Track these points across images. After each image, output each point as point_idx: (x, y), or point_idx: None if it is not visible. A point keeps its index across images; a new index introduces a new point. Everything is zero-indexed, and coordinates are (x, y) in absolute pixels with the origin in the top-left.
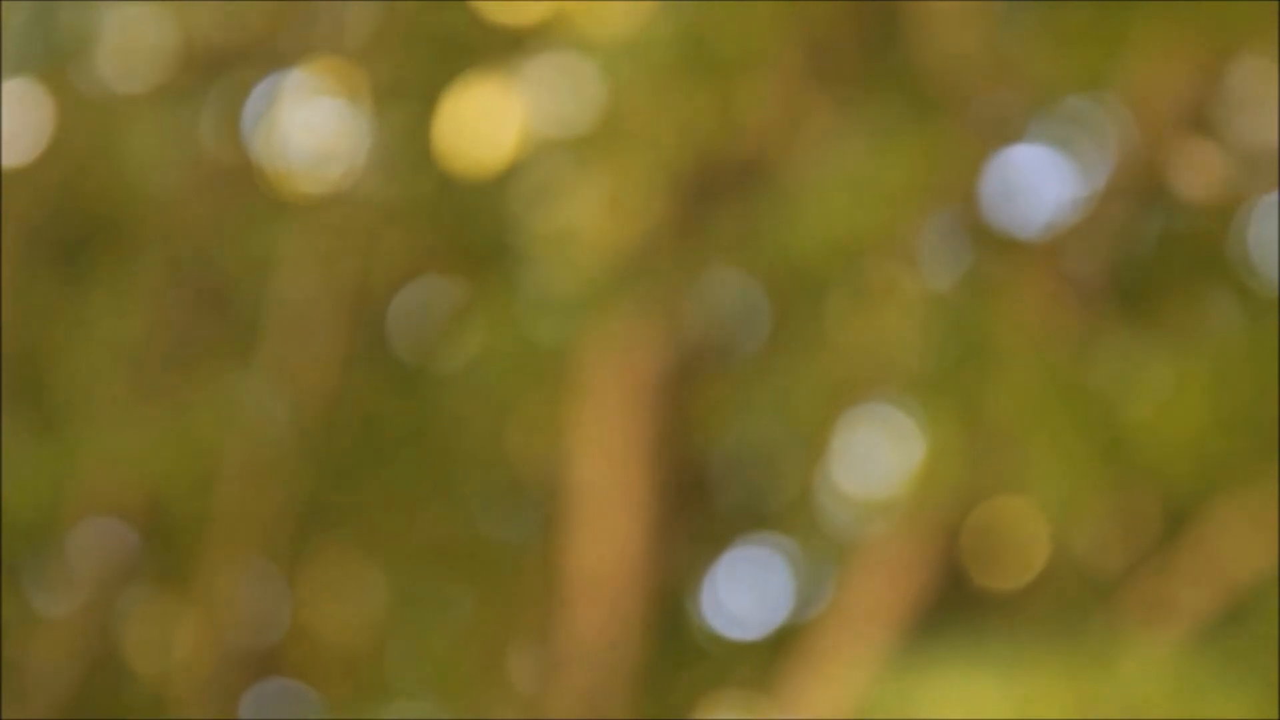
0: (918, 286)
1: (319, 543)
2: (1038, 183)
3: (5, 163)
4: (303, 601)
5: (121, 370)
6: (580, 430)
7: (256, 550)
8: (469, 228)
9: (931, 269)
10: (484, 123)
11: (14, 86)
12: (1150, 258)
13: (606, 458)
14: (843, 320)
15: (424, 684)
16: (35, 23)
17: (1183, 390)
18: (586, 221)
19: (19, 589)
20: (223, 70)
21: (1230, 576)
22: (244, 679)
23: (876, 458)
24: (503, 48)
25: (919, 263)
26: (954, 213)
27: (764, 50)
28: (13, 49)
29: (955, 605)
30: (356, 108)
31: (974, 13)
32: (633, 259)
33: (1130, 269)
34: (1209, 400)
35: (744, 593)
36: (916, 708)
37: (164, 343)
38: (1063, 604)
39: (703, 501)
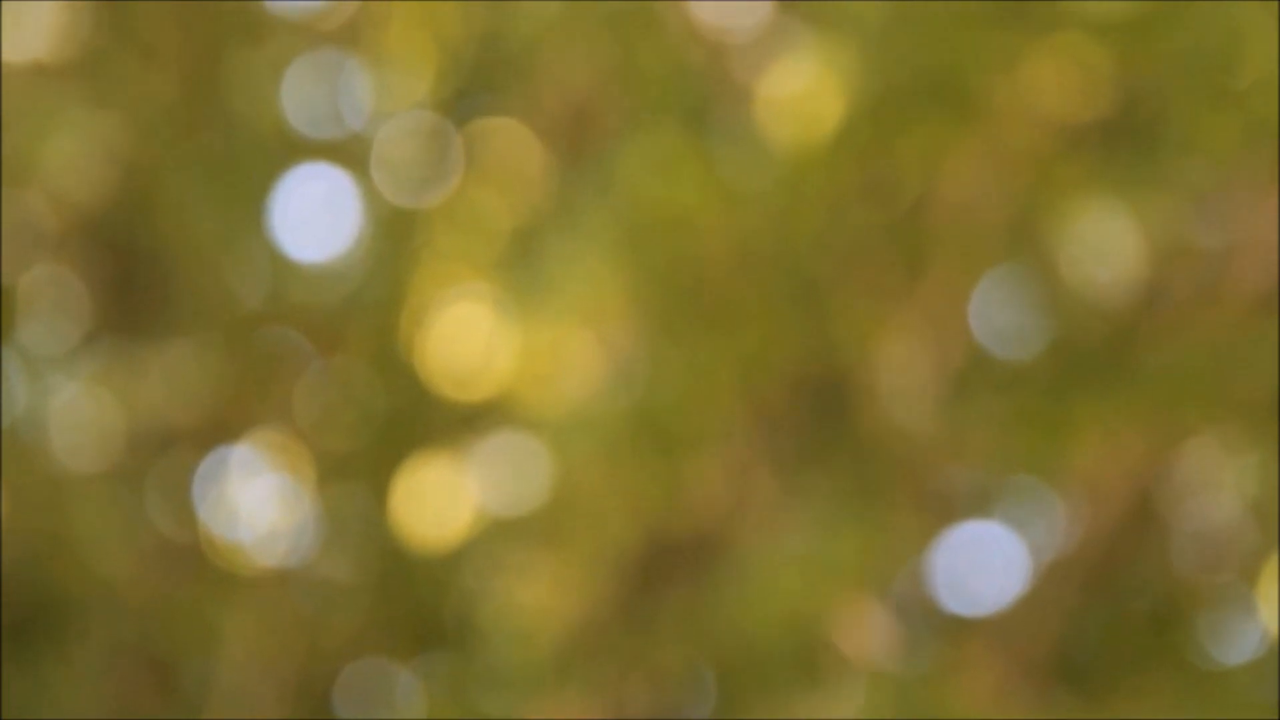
0: (867, 665)
1: None
2: (987, 561)
3: None
4: None
5: None
6: None
7: None
8: (416, 605)
9: (881, 647)
10: (433, 501)
11: None
12: (1101, 638)
13: None
14: (791, 698)
15: None
16: None
17: None
18: (535, 599)
19: None
20: (170, 446)
21: None
22: None
23: None
24: (452, 424)
25: (868, 641)
26: (903, 590)
27: (713, 428)
28: None
29: None
30: (303, 483)
31: (921, 392)
32: (581, 636)
33: (1081, 649)
34: None
35: None
36: None
37: None
38: None
39: None
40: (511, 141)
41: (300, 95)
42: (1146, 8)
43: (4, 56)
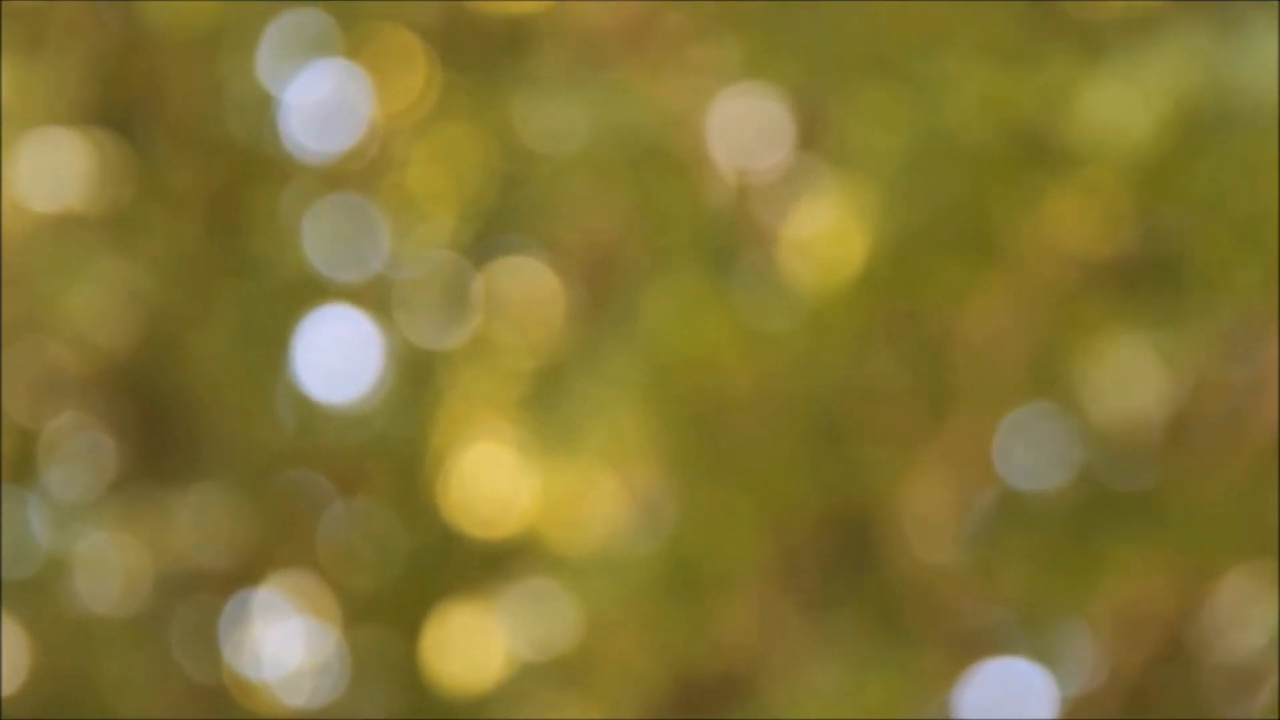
0: None
1: None
2: (1015, 698)
3: None
4: None
5: None
6: None
7: None
8: None
9: None
10: (461, 643)
11: None
12: None
13: None
14: None
15: None
16: (15, 544)
17: None
18: None
19: None
20: (196, 590)
21: None
22: None
23: None
24: (477, 565)
25: None
26: None
27: (739, 569)
28: None
29: None
30: (328, 624)
31: (947, 530)
32: None
33: None
34: None
35: None
36: None
37: None
38: None
39: None
40: (533, 282)
41: (322, 238)
42: (1167, 144)
43: (33, 206)
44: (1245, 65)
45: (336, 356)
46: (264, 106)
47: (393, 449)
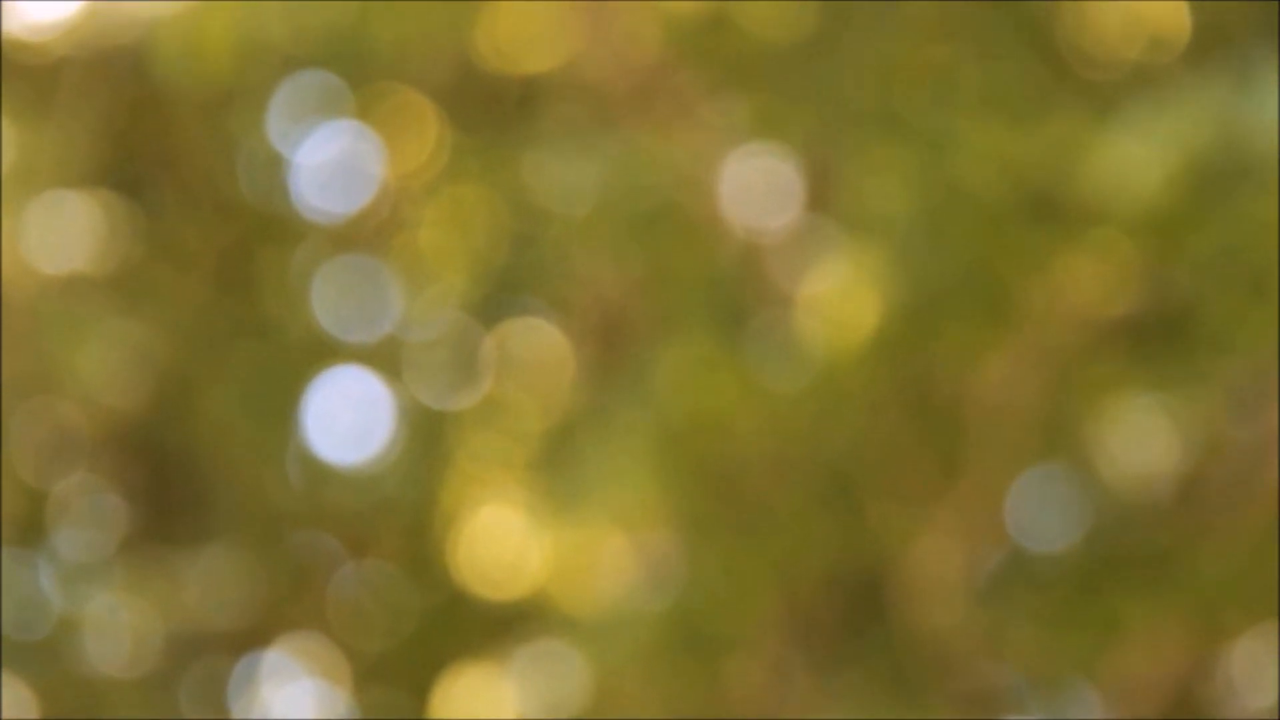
0: None
1: None
2: None
3: None
4: None
5: None
6: None
7: None
8: None
9: None
10: (469, 708)
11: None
12: None
13: None
14: None
15: None
16: (24, 605)
17: None
18: None
19: None
20: (205, 651)
21: None
22: None
23: None
24: (487, 627)
25: None
26: None
27: (750, 628)
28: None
29: None
30: (338, 686)
31: (957, 590)
32: None
33: None
34: None
35: None
36: None
37: None
38: None
39: None
40: (543, 343)
41: (332, 299)
42: (1177, 204)
43: (42, 267)
44: (1255, 123)
45: (346, 417)
46: (274, 167)
47: (403, 510)
